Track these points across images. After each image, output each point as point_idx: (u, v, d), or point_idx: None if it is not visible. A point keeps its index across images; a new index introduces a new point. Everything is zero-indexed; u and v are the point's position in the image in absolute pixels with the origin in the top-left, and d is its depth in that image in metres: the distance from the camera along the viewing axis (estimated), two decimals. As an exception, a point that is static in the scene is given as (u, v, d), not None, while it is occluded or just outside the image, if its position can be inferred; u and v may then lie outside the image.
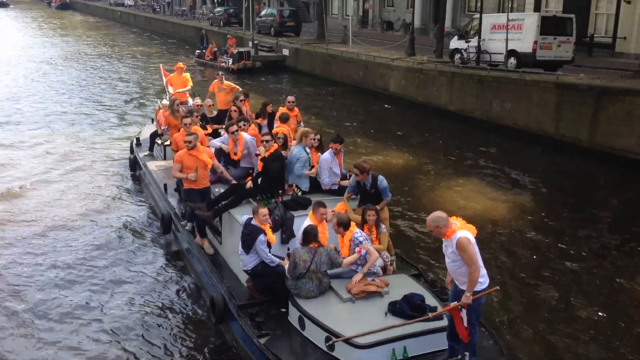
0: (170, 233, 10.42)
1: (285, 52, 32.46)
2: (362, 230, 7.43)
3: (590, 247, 10.91)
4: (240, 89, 14.53)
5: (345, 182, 8.47)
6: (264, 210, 7.20)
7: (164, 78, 16.59)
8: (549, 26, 19.92)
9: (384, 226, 7.71)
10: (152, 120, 15.68)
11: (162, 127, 12.73)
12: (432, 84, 21.92)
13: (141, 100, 24.09)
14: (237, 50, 31.09)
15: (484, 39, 21.22)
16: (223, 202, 8.44)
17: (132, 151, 14.59)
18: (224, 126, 11.91)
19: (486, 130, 19.04)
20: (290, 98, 11.86)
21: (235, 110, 10.95)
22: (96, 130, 19.06)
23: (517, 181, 14.55)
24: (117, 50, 40.41)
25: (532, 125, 17.87)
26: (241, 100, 11.65)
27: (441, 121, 20.76)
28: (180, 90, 15.08)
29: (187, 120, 9.87)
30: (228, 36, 35.17)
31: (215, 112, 12.47)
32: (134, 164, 14.14)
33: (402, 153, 16.74)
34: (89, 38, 49.07)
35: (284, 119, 10.60)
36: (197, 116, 10.72)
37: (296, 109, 11.84)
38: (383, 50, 27.45)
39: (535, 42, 19.61)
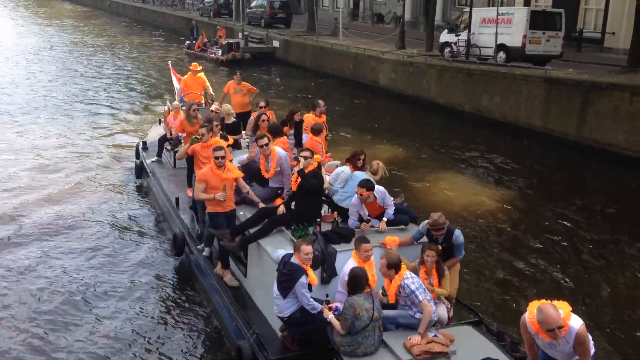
0: (183, 255, 9.20)
1: (276, 43, 32.35)
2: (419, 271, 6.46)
3: (576, 240, 11.01)
4: (257, 89, 13.57)
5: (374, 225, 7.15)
6: (307, 248, 6.06)
7: (174, 79, 15.20)
8: (538, 21, 20.05)
9: (446, 268, 6.62)
10: (160, 121, 14.47)
11: (174, 132, 11.51)
12: (422, 77, 21.96)
13: (133, 95, 23.48)
14: (226, 42, 30.90)
15: (473, 33, 21.29)
16: (251, 230, 7.27)
17: (137, 156, 13.30)
18: (243, 135, 11.02)
19: (475, 123, 19.13)
20: (321, 102, 10.63)
21: (264, 120, 9.83)
22: (93, 128, 17.78)
23: (504, 174, 14.65)
24: (108, 41, 39.97)
25: (520, 119, 17.98)
26: (261, 107, 10.72)
27: (430, 114, 20.83)
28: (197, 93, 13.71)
29: (203, 131, 8.79)
30: (218, 27, 34.98)
31: (233, 119, 11.15)
32: (140, 171, 12.85)
33: (391, 146, 16.77)
34: (78, 28, 48.60)
35: (317, 131, 9.33)
36: (217, 125, 9.47)
37: (324, 115, 10.44)
38: (373, 43, 27.43)
39: (525, 37, 19.73)
